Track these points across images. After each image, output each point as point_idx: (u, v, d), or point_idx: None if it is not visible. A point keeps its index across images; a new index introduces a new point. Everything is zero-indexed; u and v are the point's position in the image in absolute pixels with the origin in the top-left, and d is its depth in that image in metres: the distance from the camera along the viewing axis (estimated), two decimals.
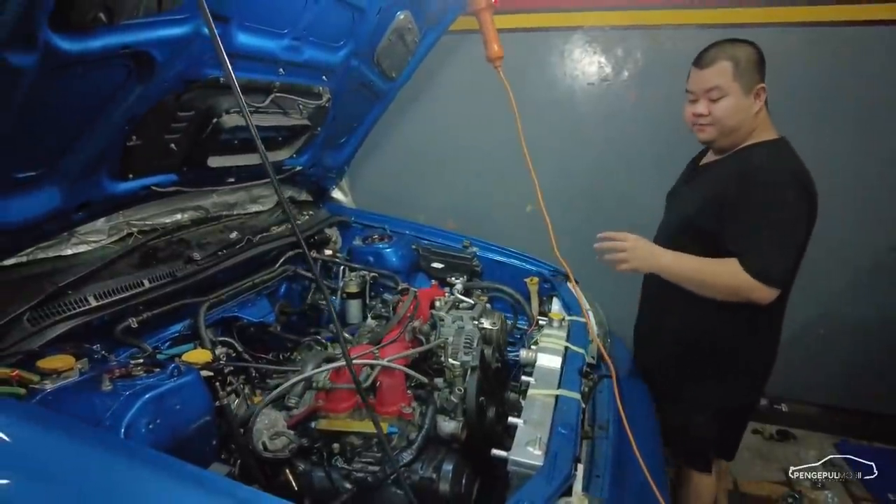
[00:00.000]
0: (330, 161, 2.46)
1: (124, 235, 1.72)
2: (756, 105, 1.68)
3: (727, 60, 1.65)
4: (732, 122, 1.69)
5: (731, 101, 1.67)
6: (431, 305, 2.00)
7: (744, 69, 1.64)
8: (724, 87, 1.66)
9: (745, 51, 1.66)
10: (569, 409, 1.50)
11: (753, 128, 1.72)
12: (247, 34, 1.52)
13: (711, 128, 1.73)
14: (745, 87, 1.65)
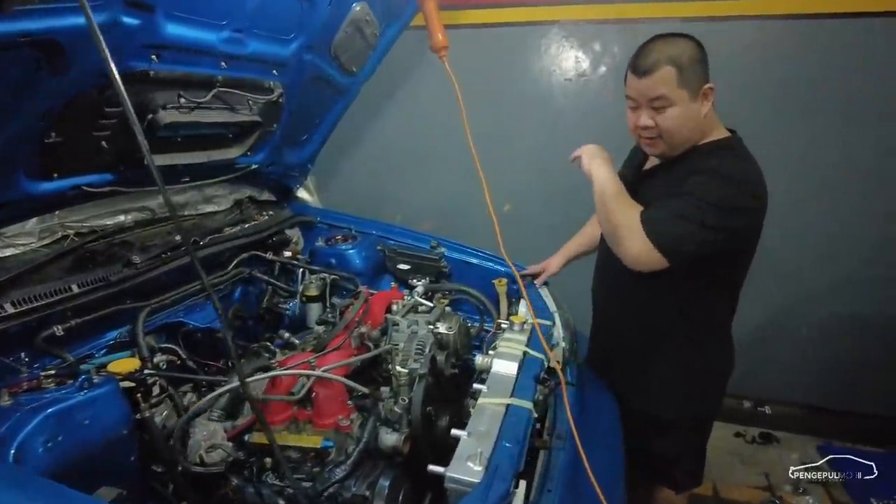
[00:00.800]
0: (291, 159, 2.37)
1: (59, 238, 1.64)
2: (705, 107, 1.50)
3: (670, 65, 1.44)
4: (683, 132, 1.52)
5: (678, 111, 1.48)
6: (388, 309, 1.92)
7: (688, 73, 1.45)
8: (669, 96, 1.46)
9: (686, 50, 1.46)
10: (518, 420, 1.42)
11: (704, 129, 1.56)
12: (177, 25, 1.43)
13: (660, 141, 1.55)
14: (692, 91, 1.47)
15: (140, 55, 1.39)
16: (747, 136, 2.89)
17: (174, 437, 1.33)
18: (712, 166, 1.48)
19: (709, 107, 1.51)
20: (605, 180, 1.59)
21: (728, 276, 1.64)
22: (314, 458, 1.42)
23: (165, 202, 0.92)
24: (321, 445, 1.38)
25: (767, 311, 3.14)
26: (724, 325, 1.76)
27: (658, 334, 1.73)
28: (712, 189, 1.44)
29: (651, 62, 1.46)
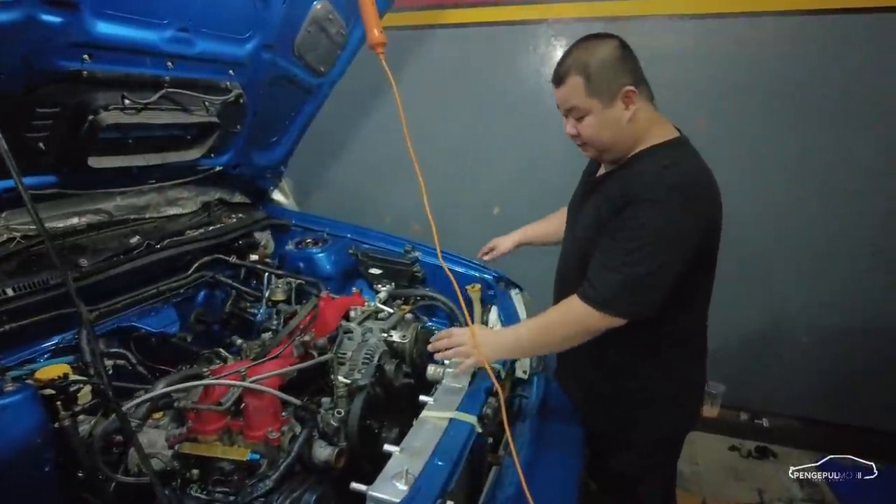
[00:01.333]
0: (261, 161, 2.34)
1: (4, 240, 1.62)
2: (627, 113, 1.40)
3: (577, 75, 1.38)
4: (606, 139, 1.44)
5: (593, 119, 1.41)
6: (345, 316, 1.86)
7: (598, 80, 1.37)
8: (580, 106, 1.41)
9: (597, 55, 1.37)
10: (457, 436, 1.35)
11: (637, 134, 1.46)
12: (109, 23, 1.39)
13: (588, 146, 1.49)
14: (606, 98, 1.38)
15: (69, 55, 1.36)
16: (740, 136, 2.80)
17: (94, 449, 1.28)
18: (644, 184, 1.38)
19: (633, 110, 1.41)
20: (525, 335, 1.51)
21: (688, 292, 1.53)
22: (245, 470, 1.37)
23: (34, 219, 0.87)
24: (247, 458, 1.33)
25: (765, 318, 3.02)
26: (691, 337, 1.65)
27: (617, 353, 1.60)
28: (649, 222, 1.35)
29: (562, 72, 1.42)
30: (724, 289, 2.93)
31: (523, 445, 1.66)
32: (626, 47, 1.42)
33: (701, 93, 2.80)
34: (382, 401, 1.60)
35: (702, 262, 1.46)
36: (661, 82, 2.76)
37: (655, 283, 1.36)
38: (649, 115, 1.46)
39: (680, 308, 1.52)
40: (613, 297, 1.37)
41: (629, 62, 1.40)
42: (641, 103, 1.42)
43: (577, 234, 1.60)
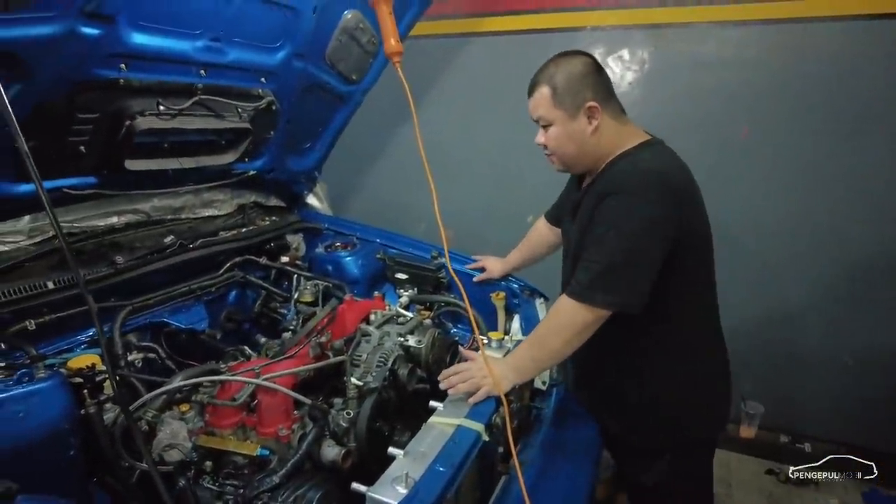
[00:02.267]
0: (295, 166, 2.41)
1: (50, 237, 1.73)
2: (590, 126, 1.48)
3: (545, 86, 1.48)
4: (570, 150, 1.52)
5: (558, 130, 1.50)
6: (366, 319, 1.89)
7: (563, 92, 1.46)
8: (546, 116, 1.50)
9: (565, 69, 1.47)
10: (462, 443, 1.35)
11: (603, 147, 1.52)
12: (144, 34, 1.48)
13: (555, 157, 1.58)
14: (570, 110, 1.47)
15: (107, 64, 1.45)
16: (783, 144, 2.69)
17: (115, 437, 1.35)
18: (616, 182, 1.45)
19: (597, 124, 1.48)
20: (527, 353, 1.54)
21: (683, 283, 1.53)
22: (256, 465, 1.41)
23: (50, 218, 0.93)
24: (257, 453, 1.37)
25: (808, 337, 2.88)
26: (701, 335, 1.63)
27: (626, 355, 1.61)
28: (621, 213, 1.41)
29: (533, 82, 1.53)
30: (764, 307, 2.87)
31: (535, 455, 1.64)
32: (596, 65, 1.50)
33: (744, 100, 2.72)
34: (395, 404, 1.62)
35: (690, 255, 1.49)
36: (703, 90, 2.74)
37: (631, 272, 1.41)
38: (616, 129, 1.52)
39: (680, 306, 1.56)
40: (591, 288, 1.41)
41: (596, 78, 1.48)
42: (607, 119, 1.49)
43: (570, 251, 1.64)
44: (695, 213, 1.52)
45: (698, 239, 1.54)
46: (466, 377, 1.50)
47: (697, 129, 2.77)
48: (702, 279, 1.60)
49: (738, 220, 2.79)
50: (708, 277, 1.62)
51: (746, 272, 2.85)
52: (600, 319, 1.44)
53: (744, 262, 2.83)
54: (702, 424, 1.66)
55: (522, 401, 1.78)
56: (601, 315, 1.43)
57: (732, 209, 2.73)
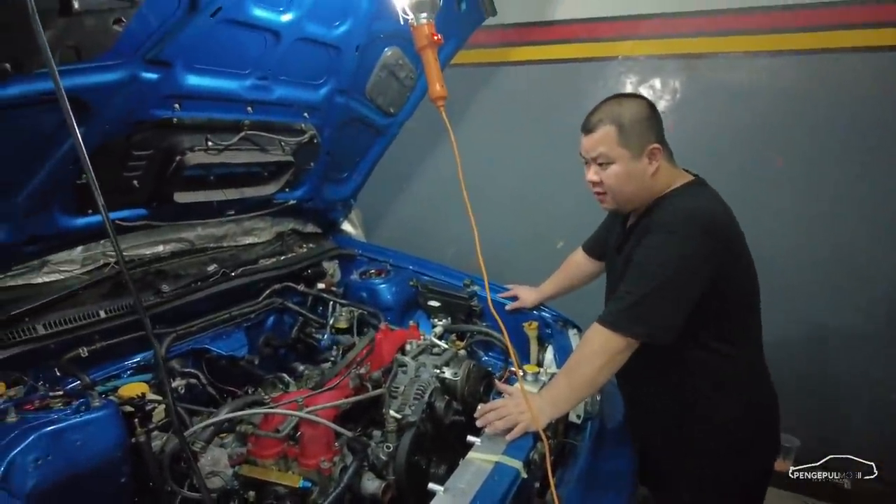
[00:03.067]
0: (332, 195, 2.47)
1: (100, 265, 1.80)
2: (651, 167, 1.52)
3: (611, 124, 1.50)
4: (628, 190, 1.55)
5: (619, 168, 1.52)
6: (401, 349, 1.92)
7: (630, 132, 1.49)
8: (609, 154, 1.51)
9: (630, 110, 1.50)
10: (501, 480, 1.37)
11: (656, 188, 1.56)
12: (198, 76, 1.55)
13: (608, 196, 1.59)
14: (635, 150, 1.50)
15: (163, 105, 1.52)
16: (819, 175, 2.66)
17: (164, 465, 1.39)
18: (660, 220, 1.50)
19: (657, 166, 1.53)
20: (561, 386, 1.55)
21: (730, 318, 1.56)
22: (297, 497, 1.44)
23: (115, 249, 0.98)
24: (300, 485, 1.40)
25: (850, 371, 2.82)
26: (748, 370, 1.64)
27: (673, 388, 1.63)
28: (659, 248, 1.46)
29: (595, 121, 1.54)
30: (801, 338, 2.82)
31: (572, 490, 1.64)
32: (654, 108, 1.55)
33: (777, 130, 2.70)
34: (432, 437, 1.63)
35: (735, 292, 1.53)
36: (736, 119, 2.73)
37: (662, 305, 1.44)
38: (669, 171, 1.57)
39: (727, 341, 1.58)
40: (622, 317, 1.45)
41: (656, 122, 1.53)
42: (663, 161, 1.54)
43: (613, 287, 1.66)
44: (735, 253, 1.54)
45: (740, 271, 1.57)
46: (503, 413, 1.51)
47: (730, 158, 2.76)
48: (748, 307, 1.62)
49: (773, 249, 2.76)
50: (753, 306, 1.64)
51: (782, 303, 2.80)
52: (630, 348, 1.47)
53: (779, 293, 2.78)
54: (753, 459, 1.66)
55: (557, 435, 1.79)
56: (631, 344, 1.46)
57: (766, 239, 2.70)
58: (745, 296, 1.60)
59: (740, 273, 1.57)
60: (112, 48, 1.27)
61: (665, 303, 1.44)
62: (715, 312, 1.53)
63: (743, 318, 1.62)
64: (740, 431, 1.62)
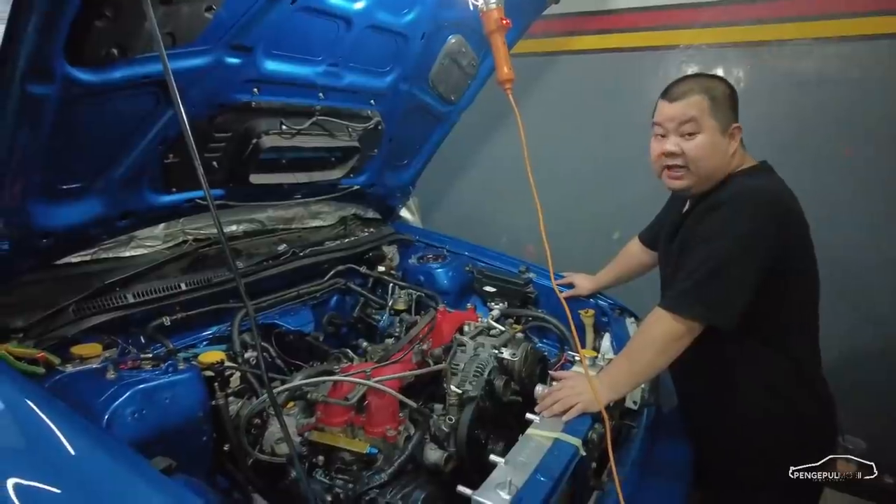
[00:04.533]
0: (393, 181, 2.54)
1: (180, 242, 1.92)
2: (732, 146, 1.51)
3: (702, 94, 1.48)
4: (710, 164, 1.51)
5: (706, 139, 1.48)
6: (459, 329, 1.97)
7: (720, 105, 1.48)
8: (700, 122, 1.47)
9: (720, 85, 1.51)
10: (560, 455, 1.39)
11: (729, 169, 1.54)
12: (275, 61, 1.63)
13: (685, 172, 1.53)
14: (722, 124, 1.48)
15: (243, 89, 1.61)
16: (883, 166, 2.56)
17: (240, 426, 1.49)
18: (721, 200, 1.48)
19: (736, 146, 1.52)
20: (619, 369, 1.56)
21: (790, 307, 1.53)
22: (363, 462, 1.51)
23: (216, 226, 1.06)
24: (366, 451, 1.46)
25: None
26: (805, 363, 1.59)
27: (726, 380, 1.61)
28: (721, 228, 1.44)
29: (684, 89, 1.52)
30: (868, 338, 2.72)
31: (628, 473, 1.65)
32: (735, 92, 1.54)
33: (847, 120, 2.60)
34: (490, 414, 1.68)
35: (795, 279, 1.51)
36: (802, 109, 2.65)
37: (725, 286, 1.42)
38: (741, 155, 1.57)
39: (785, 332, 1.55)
40: (683, 299, 1.44)
41: (736, 105, 1.53)
42: (738, 144, 1.54)
43: (667, 276, 1.67)
44: (798, 237, 1.52)
45: (803, 264, 1.54)
46: (559, 396, 1.53)
47: (796, 149, 2.68)
48: (808, 305, 1.59)
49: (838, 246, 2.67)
50: (813, 304, 1.60)
51: (848, 301, 2.72)
52: (692, 331, 1.45)
53: (845, 291, 2.71)
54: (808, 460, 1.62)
55: (614, 419, 1.80)
56: (693, 327, 1.45)
57: (831, 234, 2.61)
58: (805, 290, 1.57)
59: (803, 263, 1.54)
60: (202, 34, 1.36)
61: (727, 284, 1.42)
62: (773, 304, 1.49)
63: (801, 314, 1.58)
64: (790, 436, 1.59)
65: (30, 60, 1.09)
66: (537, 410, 1.56)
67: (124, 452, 1.07)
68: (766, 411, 1.59)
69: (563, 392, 1.55)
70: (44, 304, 1.50)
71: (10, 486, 0.95)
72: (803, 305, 1.58)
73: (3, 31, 1.04)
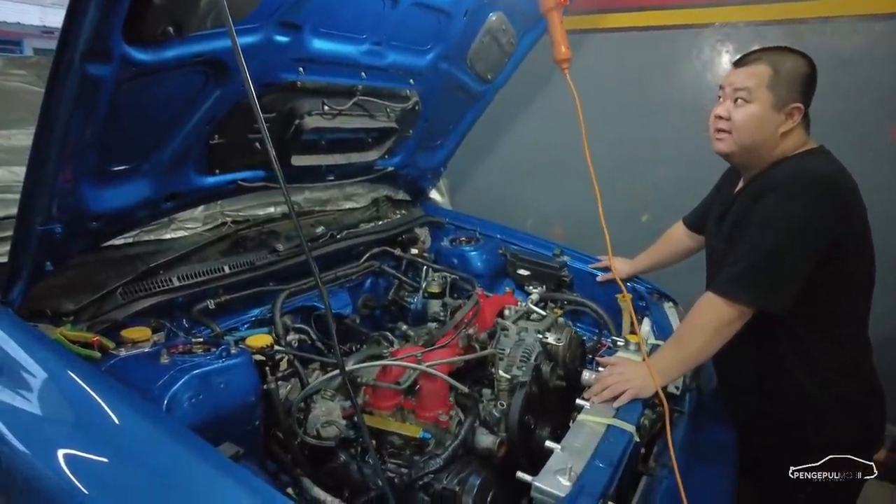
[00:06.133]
0: (425, 162, 2.50)
1: (219, 224, 1.90)
2: (786, 125, 1.47)
3: (767, 65, 1.45)
4: (751, 136, 1.49)
5: (754, 110, 1.46)
6: (500, 314, 1.95)
7: (782, 80, 1.44)
8: (753, 91, 1.46)
9: (792, 61, 1.46)
10: (616, 441, 1.39)
11: (780, 150, 1.51)
12: (322, 40, 1.59)
13: (728, 136, 1.52)
14: (778, 99, 1.45)
15: (290, 68, 1.58)
16: None
17: (292, 410, 1.48)
18: (776, 182, 1.45)
19: (791, 127, 1.48)
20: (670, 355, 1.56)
21: (840, 293, 1.51)
22: (414, 446, 1.50)
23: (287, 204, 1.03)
24: (420, 436, 1.46)
25: None
26: (854, 350, 1.57)
27: (772, 369, 1.59)
28: (776, 211, 1.41)
29: (753, 57, 1.50)
30: None
31: (677, 457, 1.65)
32: (815, 72, 1.48)
33: (892, 100, 2.54)
34: (537, 399, 1.67)
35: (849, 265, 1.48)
36: (848, 89, 2.58)
37: (778, 271, 1.40)
38: (800, 139, 1.52)
39: (835, 318, 1.53)
40: (735, 284, 1.42)
41: (809, 86, 1.48)
42: (799, 127, 1.50)
43: (715, 259, 1.64)
44: (856, 222, 1.49)
45: (859, 250, 1.51)
46: (607, 383, 1.52)
47: (840, 130, 2.61)
48: (861, 292, 1.56)
49: (887, 229, 2.62)
50: (866, 291, 1.57)
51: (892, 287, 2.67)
52: (744, 317, 1.45)
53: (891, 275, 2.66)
54: (852, 450, 1.60)
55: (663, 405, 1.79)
56: (744, 312, 1.44)
57: (880, 218, 2.57)
58: (860, 275, 1.54)
59: (859, 248, 1.51)
60: (253, 12, 1.33)
61: (780, 268, 1.41)
62: (825, 289, 1.47)
63: (853, 300, 1.56)
64: (838, 427, 1.57)
65: (89, 40, 1.06)
66: (587, 396, 1.55)
67: (194, 441, 1.06)
68: (812, 400, 1.57)
69: (612, 378, 1.53)
70: (91, 287, 1.49)
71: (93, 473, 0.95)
72: (856, 293, 1.55)
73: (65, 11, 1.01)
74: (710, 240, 1.80)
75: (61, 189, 1.24)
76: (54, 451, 1.02)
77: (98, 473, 1.01)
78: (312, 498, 1.44)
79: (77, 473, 0.99)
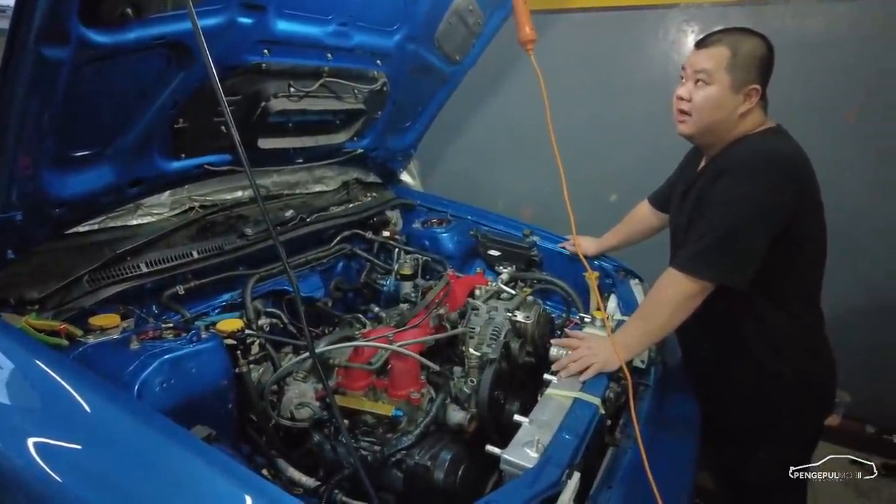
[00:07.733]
0: (394, 144, 2.50)
1: (186, 209, 1.88)
2: (743, 106, 1.51)
3: (726, 47, 1.49)
4: (710, 117, 1.53)
5: (713, 92, 1.50)
6: (471, 294, 1.98)
7: (740, 62, 1.48)
8: (712, 73, 1.49)
9: (750, 44, 1.49)
10: (582, 414, 1.43)
11: (738, 129, 1.56)
12: (287, 21, 1.58)
13: (689, 119, 1.57)
14: (737, 81, 1.49)
15: (254, 50, 1.56)
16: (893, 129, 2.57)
17: (265, 393, 1.49)
18: (735, 161, 1.50)
19: (749, 108, 1.52)
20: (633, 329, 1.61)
21: (795, 266, 1.56)
22: (387, 425, 1.53)
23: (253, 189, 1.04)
24: (392, 414, 1.49)
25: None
26: (805, 329, 1.65)
27: (729, 335, 1.66)
28: (734, 189, 1.46)
29: (713, 39, 1.53)
30: (861, 297, 2.79)
31: (641, 430, 1.71)
32: (772, 54, 1.52)
33: (857, 82, 2.59)
34: (507, 375, 1.71)
35: (804, 240, 1.55)
36: (810, 71, 2.64)
37: (737, 247, 1.45)
38: (757, 119, 1.57)
39: (790, 288, 1.60)
40: (696, 260, 1.47)
41: (767, 67, 1.52)
42: (756, 108, 1.54)
43: (678, 235, 1.68)
44: (810, 200, 1.55)
45: (814, 227, 1.58)
46: (575, 357, 1.57)
47: (801, 112, 2.67)
48: (815, 267, 1.63)
49: (842, 210, 2.70)
50: (819, 266, 1.64)
51: (846, 266, 2.77)
52: (705, 291, 1.50)
53: (847, 254, 2.75)
54: (806, 419, 1.69)
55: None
56: (705, 287, 1.49)
57: (837, 199, 2.65)
58: (813, 249, 1.60)
59: (813, 224, 1.58)
60: None
61: (739, 245, 1.46)
62: (782, 264, 1.53)
63: (808, 275, 1.62)
64: (793, 393, 1.64)
65: (45, 22, 1.04)
66: (554, 370, 1.59)
67: (166, 425, 1.07)
68: (769, 368, 1.64)
69: (578, 353, 1.58)
70: (57, 274, 1.47)
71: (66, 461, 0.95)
72: (811, 267, 1.62)
73: None
74: (674, 218, 1.85)
75: (20, 176, 1.22)
76: (24, 441, 1.02)
77: (71, 461, 1.01)
78: (287, 478, 1.47)
79: (50, 462, 0.99)
